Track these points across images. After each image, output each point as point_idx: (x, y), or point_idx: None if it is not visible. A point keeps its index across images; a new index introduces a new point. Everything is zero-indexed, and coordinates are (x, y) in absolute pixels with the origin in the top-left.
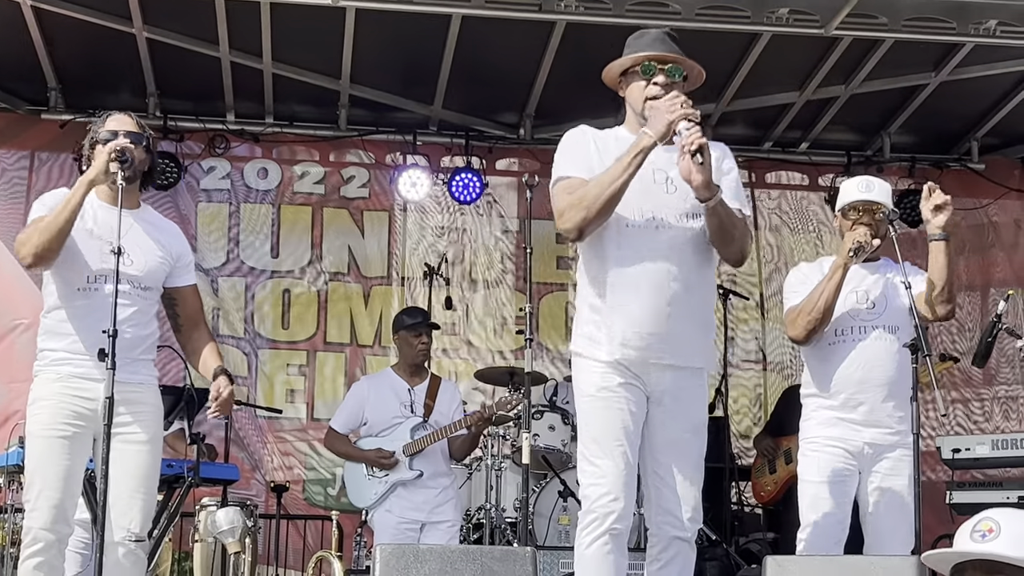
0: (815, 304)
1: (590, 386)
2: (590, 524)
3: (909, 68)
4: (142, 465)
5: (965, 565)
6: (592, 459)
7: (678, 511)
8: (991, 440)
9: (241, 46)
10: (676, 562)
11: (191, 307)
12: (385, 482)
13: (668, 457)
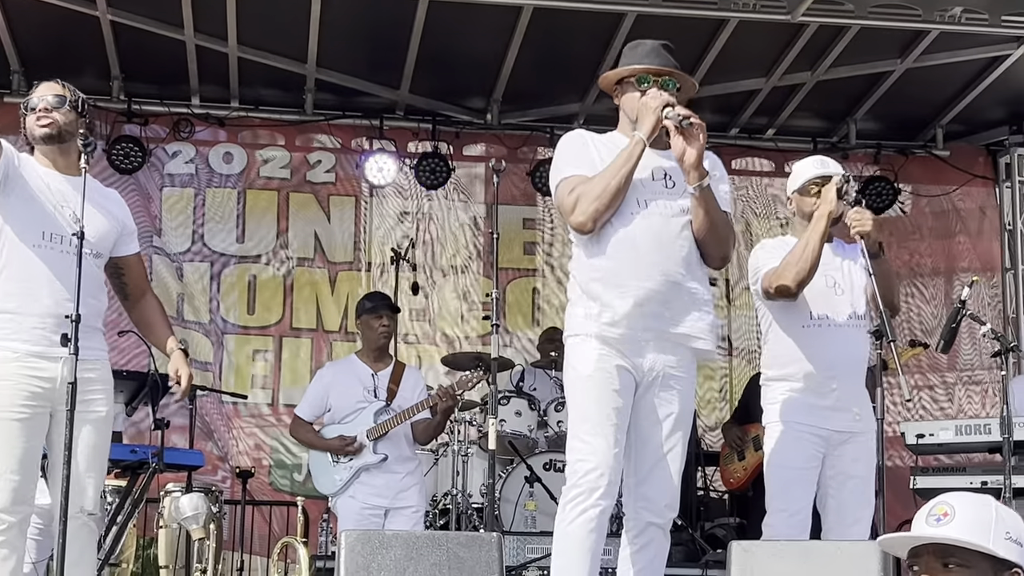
0: (802, 255)
1: (586, 366)
2: (575, 498)
3: (875, 55)
4: (94, 443)
5: (920, 549)
6: (583, 437)
7: (657, 498)
8: (955, 425)
9: (206, 29)
10: (651, 547)
11: (137, 275)
12: (349, 468)
13: (652, 444)
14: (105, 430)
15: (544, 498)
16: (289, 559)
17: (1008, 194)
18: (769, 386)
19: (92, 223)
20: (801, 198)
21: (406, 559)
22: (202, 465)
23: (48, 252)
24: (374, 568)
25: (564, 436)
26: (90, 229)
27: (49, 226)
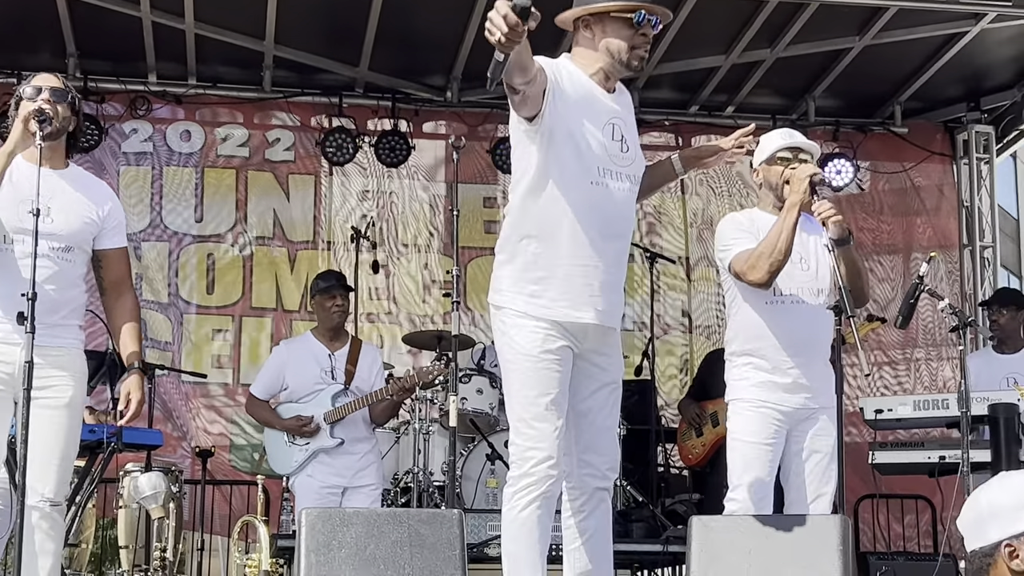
0: (775, 246)
1: (532, 347)
2: (526, 488)
3: (833, 32)
4: (60, 430)
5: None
6: (531, 421)
7: (599, 463)
8: (913, 401)
9: (162, 5)
10: (597, 512)
11: (115, 272)
12: (306, 450)
13: (591, 412)
14: (74, 416)
15: (505, 475)
16: (250, 538)
17: (965, 171)
18: (732, 361)
19: (65, 218)
20: (768, 168)
21: (367, 536)
22: (161, 445)
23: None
24: (335, 545)
25: None
26: (60, 223)
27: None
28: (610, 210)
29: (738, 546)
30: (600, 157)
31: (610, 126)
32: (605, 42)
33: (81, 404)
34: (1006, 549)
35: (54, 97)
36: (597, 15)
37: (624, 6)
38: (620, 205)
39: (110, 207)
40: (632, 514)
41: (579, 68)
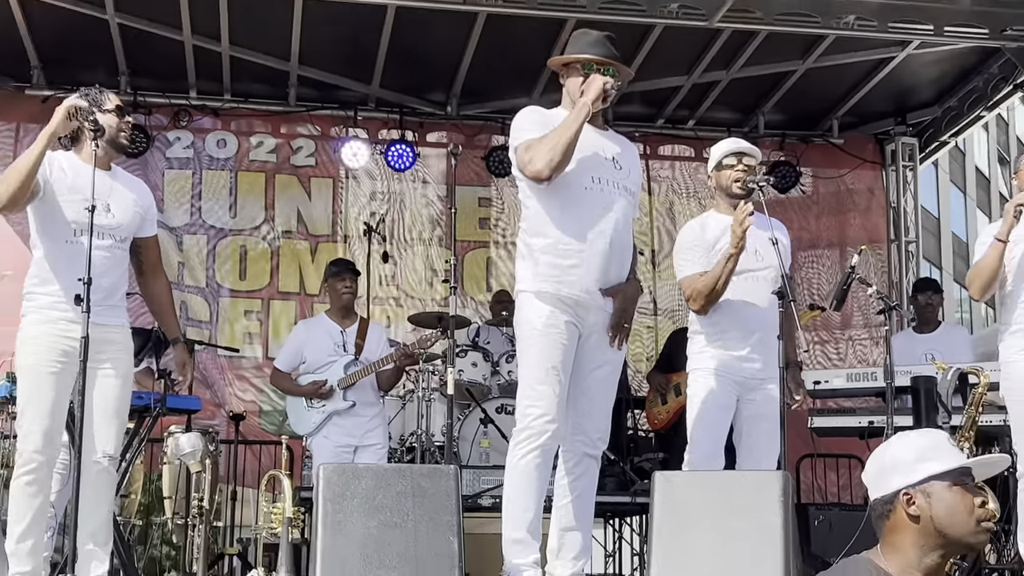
0: (713, 289)
1: (539, 320)
2: (525, 440)
3: (780, 56)
4: (115, 396)
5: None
6: (533, 384)
7: (592, 433)
8: (846, 374)
9: (202, 31)
10: (587, 475)
11: (153, 256)
12: (322, 412)
13: (589, 387)
14: (126, 384)
15: (496, 437)
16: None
17: (893, 176)
18: (694, 338)
19: (121, 213)
20: (718, 173)
21: (375, 488)
22: (199, 409)
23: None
24: (348, 496)
25: (514, 384)
26: (119, 218)
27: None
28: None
29: (695, 498)
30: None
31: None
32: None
33: (132, 374)
34: (904, 497)
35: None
36: (565, 64)
37: (575, 59)
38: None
39: (149, 201)
40: (605, 471)
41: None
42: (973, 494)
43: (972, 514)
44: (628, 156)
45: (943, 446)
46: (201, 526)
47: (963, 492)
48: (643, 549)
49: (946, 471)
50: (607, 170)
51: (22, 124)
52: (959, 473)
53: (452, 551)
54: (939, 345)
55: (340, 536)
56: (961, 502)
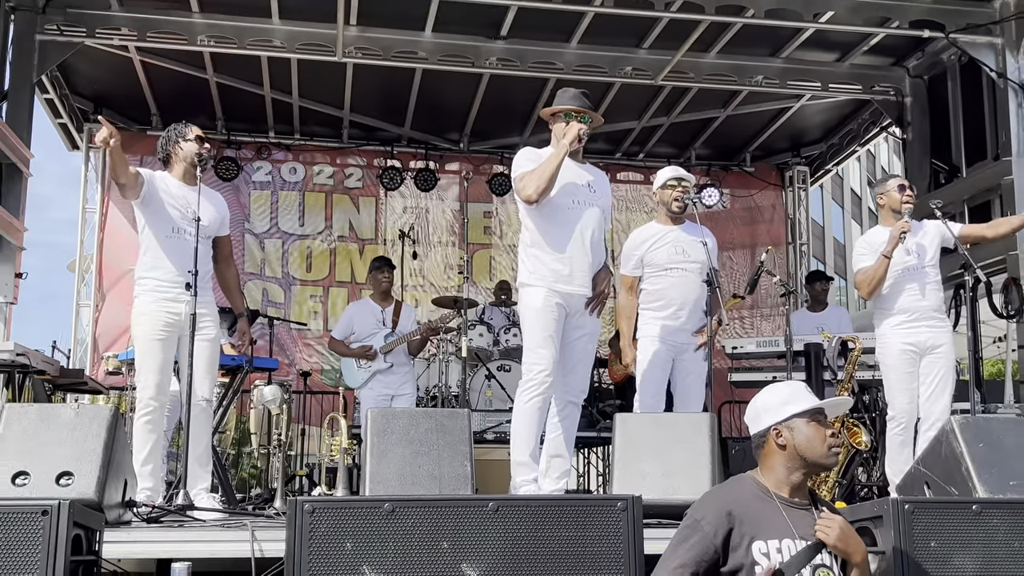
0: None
1: (537, 302)
2: (530, 387)
3: (707, 106)
4: (209, 355)
5: (821, 409)
6: (535, 348)
7: (575, 386)
8: (756, 341)
9: (278, 87)
10: (570, 417)
11: (226, 250)
12: (368, 370)
13: (575, 352)
14: (215, 346)
15: (497, 388)
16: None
17: (790, 195)
18: (643, 314)
19: (207, 217)
20: (662, 192)
21: (409, 426)
22: (277, 368)
23: (176, 241)
24: (388, 431)
25: (511, 349)
26: (206, 220)
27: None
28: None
29: (646, 432)
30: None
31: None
32: (553, 129)
33: (219, 339)
34: (773, 432)
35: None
36: (552, 116)
37: (559, 109)
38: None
39: (225, 209)
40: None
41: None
42: (825, 427)
43: (824, 442)
44: (600, 182)
45: (801, 393)
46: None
47: (817, 426)
48: (605, 472)
49: (804, 411)
50: (583, 194)
51: (145, 156)
52: (814, 412)
53: (466, 472)
54: (827, 321)
55: (383, 461)
56: (816, 434)
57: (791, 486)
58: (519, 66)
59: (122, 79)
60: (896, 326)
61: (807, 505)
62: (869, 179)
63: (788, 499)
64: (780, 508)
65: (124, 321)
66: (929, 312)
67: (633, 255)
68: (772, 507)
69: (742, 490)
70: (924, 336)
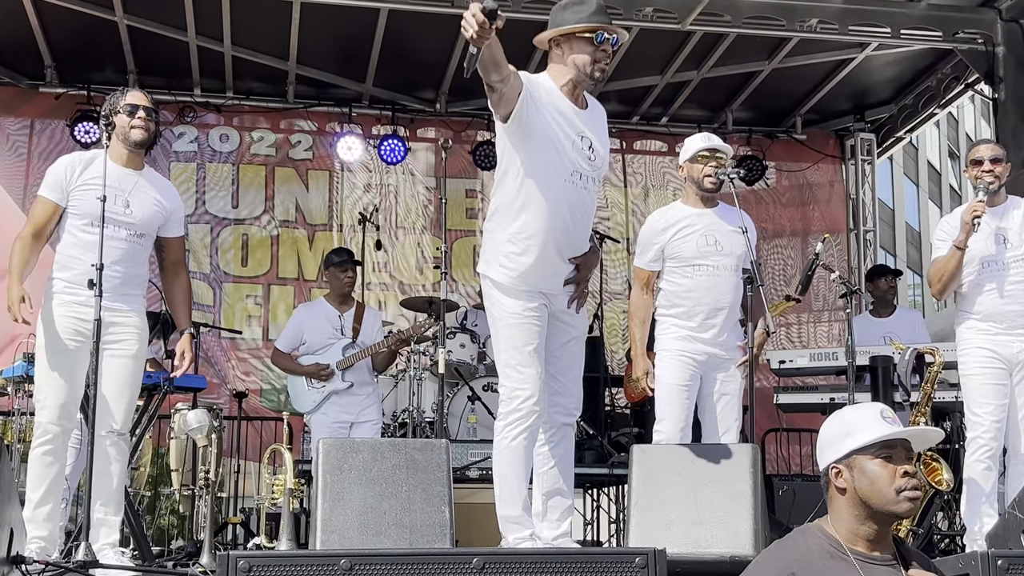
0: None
1: (516, 307)
2: (515, 421)
3: (748, 57)
4: (126, 375)
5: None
6: (517, 367)
7: (567, 403)
8: (809, 353)
9: (205, 32)
10: (564, 441)
11: (175, 255)
12: (321, 391)
13: (561, 361)
14: (137, 364)
15: (483, 413)
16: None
17: (852, 169)
18: (661, 320)
19: (140, 210)
20: (691, 166)
21: (372, 461)
22: (205, 388)
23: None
24: (346, 468)
25: None
26: (137, 214)
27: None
28: (579, 202)
29: (670, 468)
30: (572, 159)
31: (579, 135)
32: (572, 58)
33: (143, 356)
34: (832, 471)
35: (148, 114)
36: (566, 35)
37: (587, 27)
38: (587, 198)
39: (175, 204)
40: (584, 444)
41: (552, 82)
42: (896, 464)
43: (892, 484)
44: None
45: (868, 420)
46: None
47: (884, 464)
48: (619, 518)
49: (867, 444)
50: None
51: (36, 120)
52: (881, 445)
53: (444, 520)
54: (896, 328)
55: (339, 506)
56: (882, 473)
57: (867, 538)
58: (510, 6)
59: (9, 22)
60: (979, 331)
61: (891, 561)
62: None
63: (866, 554)
64: (857, 567)
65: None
66: (1018, 318)
67: (652, 244)
68: (846, 565)
69: (808, 545)
70: (1015, 348)
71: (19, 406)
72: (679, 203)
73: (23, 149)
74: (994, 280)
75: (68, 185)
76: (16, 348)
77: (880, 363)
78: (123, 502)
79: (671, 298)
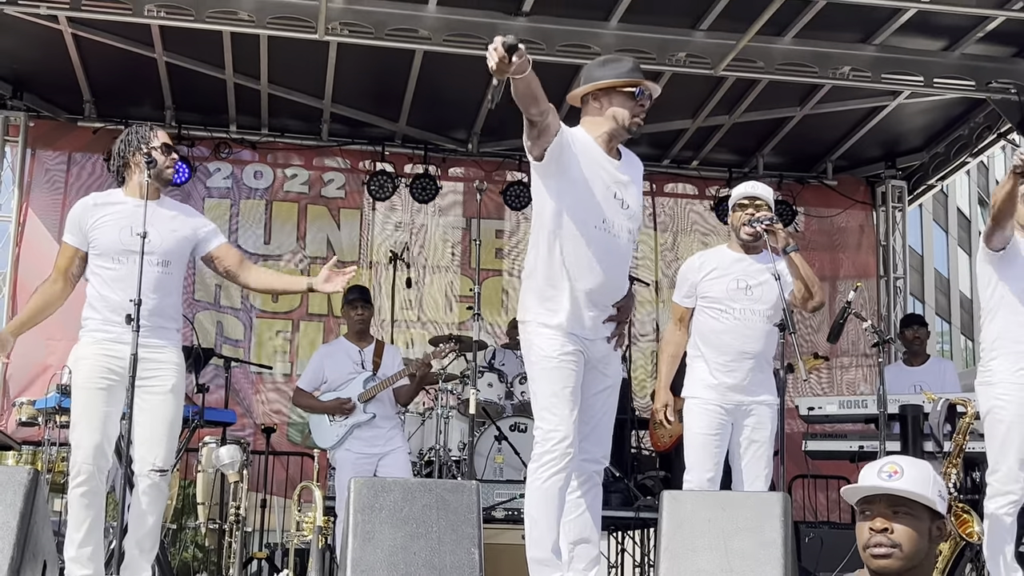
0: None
1: (553, 351)
2: (549, 463)
3: (780, 103)
4: (166, 411)
5: (873, 498)
6: (552, 410)
7: (596, 452)
8: (838, 401)
9: (243, 70)
10: (593, 490)
11: (232, 259)
12: (344, 425)
13: (594, 409)
14: (177, 400)
15: (509, 453)
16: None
17: (882, 216)
18: (692, 364)
19: (161, 240)
20: (732, 215)
21: (403, 501)
22: (235, 422)
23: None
24: (377, 508)
25: (527, 404)
26: (157, 244)
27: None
28: (612, 250)
29: (700, 515)
30: (604, 206)
31: (613, 184)
32: (612, 111)
33: (182, 389)
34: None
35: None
36: (605, 89)
37: (627, 82)
38: (619, 246)
39: (198, 221)
40: (610, 487)
41: (587, 134)
42: (870, 520)
43: (861, 540)
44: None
45: (865, 473)
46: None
47: (860, 522)
48: (644, 561)
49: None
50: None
51: (73, 154)
52: (862, 501)
53: (473, 561)
54: (928, 377)
55: (369, 545)
56: (860, 529)
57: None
58: (545, 49)
59: (50, 56)
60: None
61: None
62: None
63: None
64: None
65: (42, 359)
66: None
67: (687, 280)
68: None
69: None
70: None
71: (50, 436)
72: (724, 247)
73: (60, 183)
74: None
75: (85, 227)
76: (50, 379)
77: (910, 412)
78: (158, 541)
79: (700, 338)
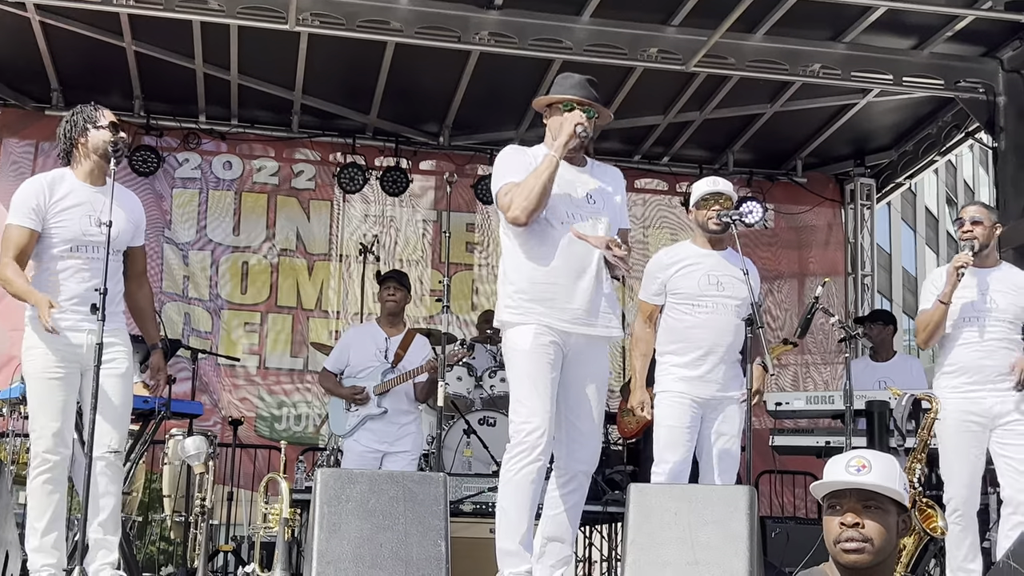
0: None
1: (525, 343)
2: (519, 454)
3: (750, 100)
4: (118, 394)
5: (842, 492)
6: (524, 401)
7: (584, 452)
8: (805, 396)
9: (212, 60)
10: (579, 491)
11: (139, 265)
12: (357, 416)
13: (579, 407)
14: (127, 383)
15: (478, 447)
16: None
17: (851, 214)
18: (661, 360)
19: (118, 229)
20: (696, 211)
21: (369, 492)
22: (202, 414)
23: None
24: (343, 499)
25: (496, 397)
26: (115, 233)
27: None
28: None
29: (667, 508)
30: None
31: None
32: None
33: (131, 374)
34: None
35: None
36: (548, 107)
37: (558, 99)
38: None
39: (140, 214)
40: None
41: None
42: (840, 515)
43: (831, 535)
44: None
45: (832, 467)
46: (203, 523)
47: (828, 517)
48: (611, 555)
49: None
50: (583, 209)
51: (40, 143)
52: (830, 495)
53: (440, 554)
54: (894, 373)
55: (335, 537)
56: (828, 523)
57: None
58: (516, 43)
59: (17, 44)
60: (953, 389)
61: None
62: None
63: None
64: None
65: (7, 349)
66: (992, 373)
67: (655, 278)
68: None
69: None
70: (989, 402)
71: (14, 427)
72: (688, 243)
73: (26, 170)
74: (973, 334)
75: (42, 210)
76: (15, 369)
77: (876, 408)
78: (120, 523)
79: (670, 334)
